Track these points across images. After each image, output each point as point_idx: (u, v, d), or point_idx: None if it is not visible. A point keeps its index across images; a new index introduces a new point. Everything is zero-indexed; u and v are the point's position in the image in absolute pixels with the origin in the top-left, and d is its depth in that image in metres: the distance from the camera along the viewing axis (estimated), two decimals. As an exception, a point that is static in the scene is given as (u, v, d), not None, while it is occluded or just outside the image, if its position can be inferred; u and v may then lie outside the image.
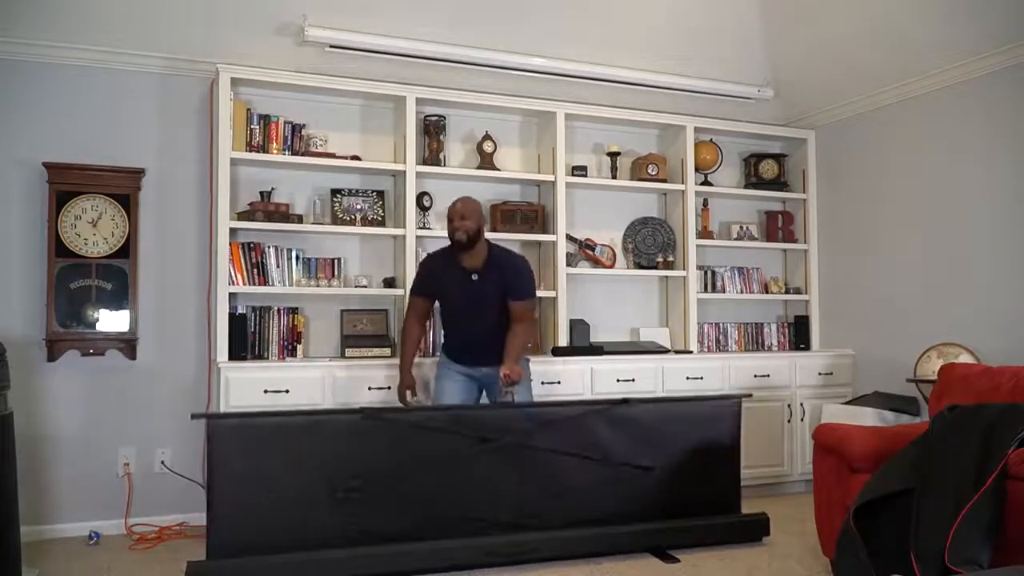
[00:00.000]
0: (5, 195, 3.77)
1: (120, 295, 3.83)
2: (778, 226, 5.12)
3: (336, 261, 4.18)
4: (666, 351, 4.59)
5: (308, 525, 3.08)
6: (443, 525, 3.22)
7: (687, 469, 3.67)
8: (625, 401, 3.61)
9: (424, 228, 4.25)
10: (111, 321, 3.81)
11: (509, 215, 4.43)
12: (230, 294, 3.83)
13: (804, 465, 4.57)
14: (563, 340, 4.37)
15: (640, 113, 4.74)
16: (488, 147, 4.40)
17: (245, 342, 3.87)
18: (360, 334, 4.16)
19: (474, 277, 3.58)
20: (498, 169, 4.44)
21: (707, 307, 4.91)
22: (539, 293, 4.17)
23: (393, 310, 4.27)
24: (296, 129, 4.10)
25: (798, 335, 5.04)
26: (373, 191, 4.27)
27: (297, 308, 4.07)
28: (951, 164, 4.21)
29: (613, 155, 4.70)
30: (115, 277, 3.82)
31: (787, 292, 5.12)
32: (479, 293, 3.58)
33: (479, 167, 4.41)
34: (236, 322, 3.84)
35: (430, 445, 3.27)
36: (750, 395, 4.02)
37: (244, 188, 4.07)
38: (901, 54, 4.29)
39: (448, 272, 3.63)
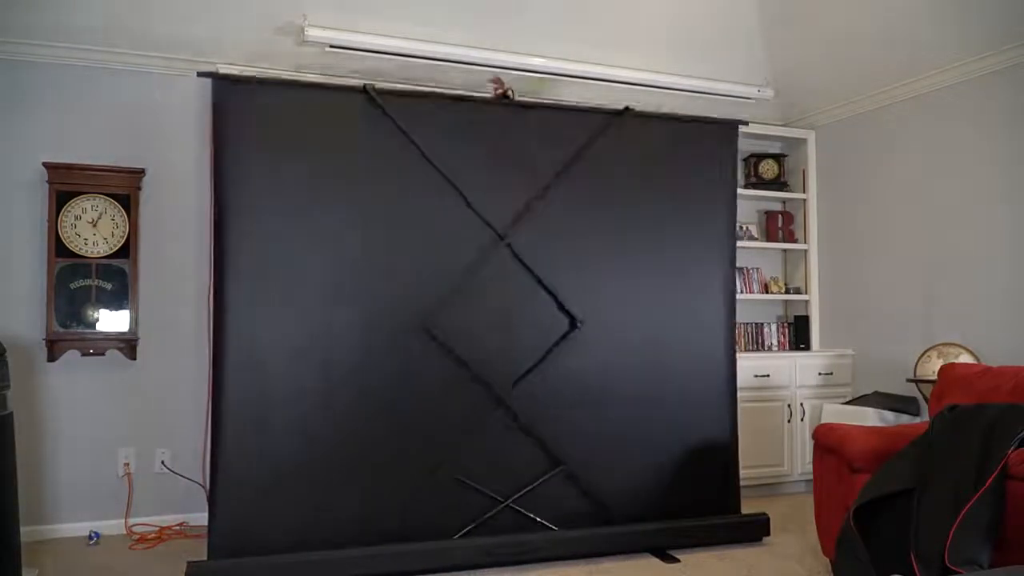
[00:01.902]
0: (5, 195, 3.77)
1: (120, 295, 3.83)
2: (778, 226, 5.12)
3: (336, 261, 4.17)
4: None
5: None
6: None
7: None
8: (626, 110, 3.74)
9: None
10: (111, 321, 3.81)
11: (509, 215, 4.43)
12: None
13: (804, 465, 4.58)
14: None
15: (640, 113, 4.74)
16: (488, 147, 4.40)
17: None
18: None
19: None
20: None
21: (707, 307, 4.91)
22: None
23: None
24: (296, 129, 4.09)
25: (798, 335, 5.04)
26: (373, 191, 4.26)
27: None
28: (951, 164, 4.21)
29: (613, 155, 4.69)
30: (115, 277, 3.83)
31: (787, 292, 5.13)
32: None
33: (479, 167, 4.41)
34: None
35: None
36: (746, 123, 4.16)
37: (244, 188, 4.06)
38: (901, 54, 4.29)
39: None
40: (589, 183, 3.66)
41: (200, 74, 3.27)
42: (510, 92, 3.50)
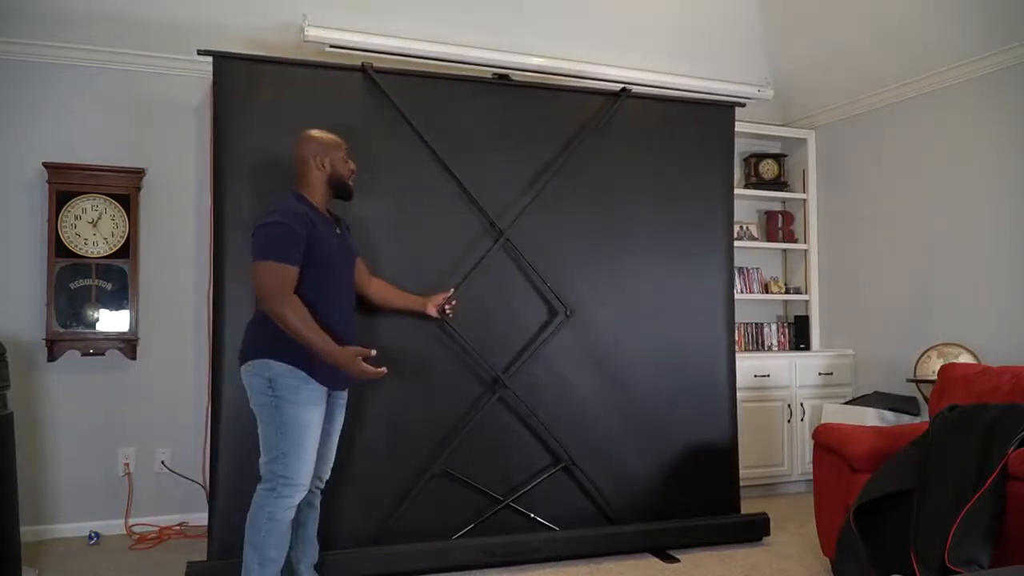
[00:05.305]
0: (5, 195, 3.77)
1: (120, 295, 3.83)
2: (778, 226, 5.12)
3: (336, 261, 4.17)
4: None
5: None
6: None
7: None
8: (624, 91, 3.74)
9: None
10: (111, 321, 3.81)
11: (509, 215, 4.43)
12: (230, 294, 3.83)
13: (804, 465, 4.58)
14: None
15: (640, 113, 4.74)
16: (488, 147, 4.40)
17: (245, 342, 3.86)
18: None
19: (338, 231, 2.77)
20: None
21: (707, 307, 4.91)
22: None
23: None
24: (296, 129, 4.09)
25: (798, 335, 5.04)
26: (373, 191, 4.27)
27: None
28: (951, 164, 4.22)
29: (613, 155, 4.69)
30: (115, 277, 3.82)
31: (787, 292, 5.13)
32: (349, 254, 2.82)
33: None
34: (236, 322, 3.84)
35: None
36: (743, 104, 4.17)
37: (244, 188, 4.06)
38: (901, 54, 4.29)
39: (321, 224, 2.64)
40: (586, 170, 3.65)
41: (200, 52, 3.23)
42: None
